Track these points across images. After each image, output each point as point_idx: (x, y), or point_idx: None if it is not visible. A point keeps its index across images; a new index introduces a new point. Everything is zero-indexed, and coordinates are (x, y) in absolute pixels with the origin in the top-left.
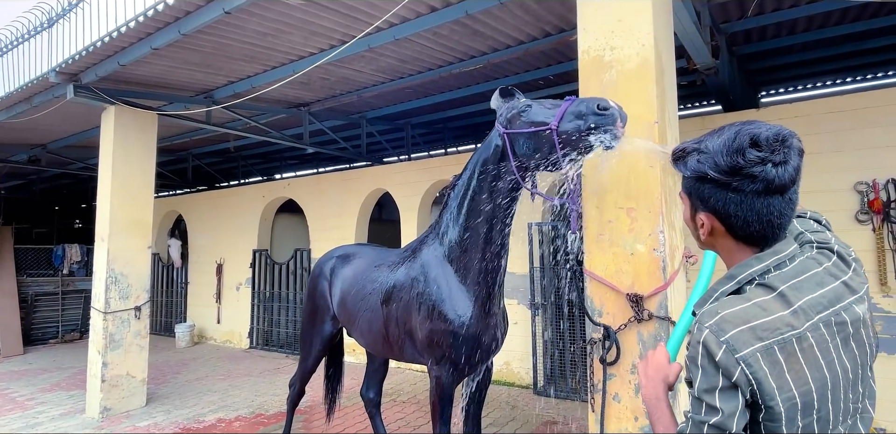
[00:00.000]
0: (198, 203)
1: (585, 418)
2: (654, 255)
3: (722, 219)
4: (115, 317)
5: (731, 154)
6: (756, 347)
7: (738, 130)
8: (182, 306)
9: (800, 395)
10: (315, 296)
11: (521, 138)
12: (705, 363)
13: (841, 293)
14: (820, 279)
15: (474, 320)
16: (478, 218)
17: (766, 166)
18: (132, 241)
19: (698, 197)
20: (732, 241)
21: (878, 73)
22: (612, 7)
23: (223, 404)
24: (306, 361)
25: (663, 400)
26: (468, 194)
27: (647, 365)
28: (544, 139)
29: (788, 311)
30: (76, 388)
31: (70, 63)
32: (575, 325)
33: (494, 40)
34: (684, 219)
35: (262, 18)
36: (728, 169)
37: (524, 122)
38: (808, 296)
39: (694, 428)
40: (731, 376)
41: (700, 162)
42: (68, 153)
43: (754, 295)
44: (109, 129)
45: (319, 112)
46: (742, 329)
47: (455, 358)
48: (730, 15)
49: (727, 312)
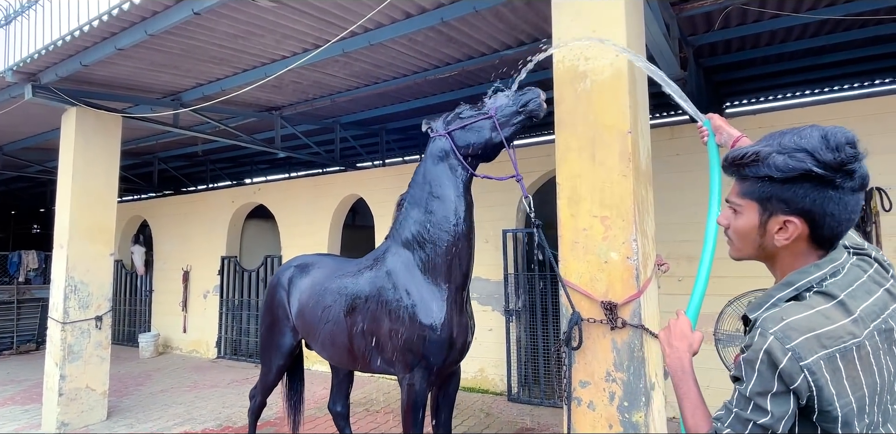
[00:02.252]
0: (164, 208)
1: (560, 425)
2: (628, 263)
3: (814, 219)
4: (74, 327)
5: (832, 150)
6: (820, 355)
7: (822, 130)
8: (146, 315)
9: (855, 401)
10: (273, 306)
11: (463, 133)
12: (763, 368)
13: (887, 301)
14: (868, 287)
15: (447, 322)
16: (438, 216)
17: (860, 163)
18: (93, 247)
19: (783, 199)
20: (807, 245)
21: (834, 87)
22: (587, 17)
23: (189, 417)
24: (267, 376)
25: (689, 372)
26: (423, 196)
27: (671, 334)
28: (485, 127)
29: (849, 319)
30: (32, 402)
31: (28, 62)
32: (549, 332)
33: (469, 48)
34: (741, 229)
35: (232, 20)
36: (834, 165)
37: (462, 118)
38: (863, 304)
39: (738, 424)
40: (791, 383)
41: (798, 160)
42: (26, 155)
43: (816, 303)
44: (70, 131)
45: (292, 116)
46: (808, 337)
47: (430, 361)
48: (697, 28)
49: (792, 320)
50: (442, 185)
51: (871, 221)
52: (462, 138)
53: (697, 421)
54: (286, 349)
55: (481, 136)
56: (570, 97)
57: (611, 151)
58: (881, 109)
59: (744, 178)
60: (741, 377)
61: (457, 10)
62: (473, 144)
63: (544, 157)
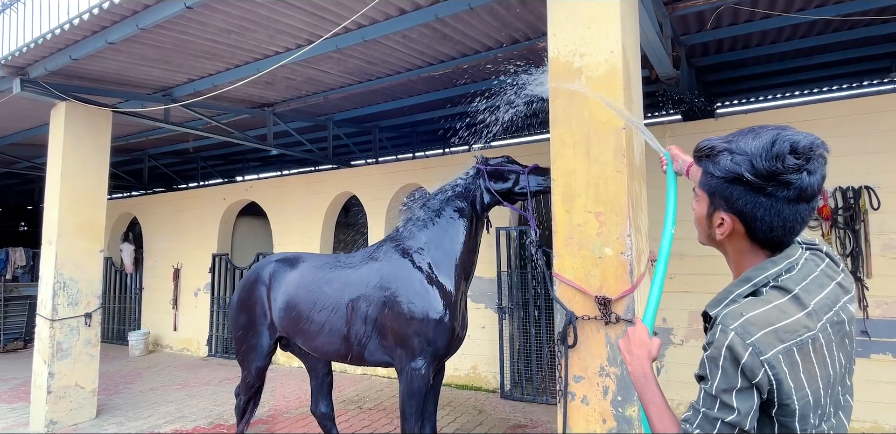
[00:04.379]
0: (154, 205)
1: (552, 421)
2: (622, 258)
3: (747, 221)
4: (63, 324)
5: (770, 159)
6: (779, 349)
7: (777, 135)
8: (136, 313)
9: (811, 393)
10: (250, 304)
11: (496, 174)
12: (727, 365)
13: (838, 293)
14: (821, 281)
15: (451, 312)
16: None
17: (801, 174)
18: (83, 244)
19: (723, 197)
20: (748, 244)
21: (823, 87)
22: (582, 14)
23: (180, 415)
24: (247, 378)
25: (651, 378)
26: (445, 202)
27: (630, 342)
28: (512, 176)
29: (804, 313)
30: (19, 400)
31: (17, 55)
32: (542, 329)
33: (463, 45)
34: (697, 216)
35: (225, 15)
36: (766, 174)
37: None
38: (816, 297)
39: (706, 423)
40: (753, 378)
41: (736, 163)
42: (13, 151)
43: (773, 297)
44: (60, 126)
45: (284, 113)
46: (767, 331)
47: (437, 347)
48: (689, 27)
49: (751, 315)
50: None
51: (859, 219)
52: (492, 181)
53: (665, 424)
54: (264, 350)
55: (506, 187)
56: (565, 93)
57: (605, 147)
58: (869, 109)
59: (704, 169)
60: (706, 376)
61: (451, 7)
62: (498, 190)
63: (538, 155)
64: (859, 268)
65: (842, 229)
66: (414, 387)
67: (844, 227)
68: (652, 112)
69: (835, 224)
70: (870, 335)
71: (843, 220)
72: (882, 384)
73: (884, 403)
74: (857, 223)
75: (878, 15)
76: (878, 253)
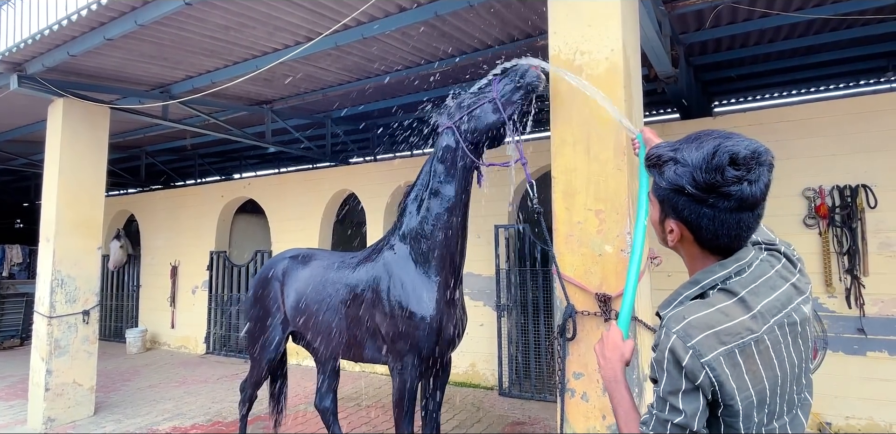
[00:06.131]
0: (152, 202)
1: (550, 418)
2: (622, 256)
3: (693, 230)
4: (60, 321)
5: (709, 171)
6: (720, 352)
7: (717, 146)
8: (134, 310)
9: (756, 394)
10: (265, 299)
11: (468, 121)
12: (671, 367)
13: (791, 295)
14: (773, 283)
15: (437, 312)
16: (434, 213)
17: (742, 185)
18: (80, 241)
19: (670, 206)
20: (698, 249)
21: (821, 87)
22: (583, 12)
23: (178, 412)
24: (257, 370)
25: (622, 381)
26: (426, 192)
27: (604, 345)
28: (488, 111)
29: (748, 315)
30: (16, 397)
31: (14, 51)
32: (540, 327)
33: (462, 43)
34: (651, 221)
35: (224, 11)
36: (706, 186)
37: (463, 107)
38: (765, 300)
39: (658, 425)
40: (695, 380)
41: (678, 175)
42: (10, 148)
43: (717, 300)
44: (57, 122)
45: (283, 110)
46: (707, 334)
47: (420, 350)
48: (688, 26)
49: (693, 318)
50: (442, 182)
51: (856, 218)
52: (467, 126)
53: (630, 427)
54: (276, 343)
55: (486, 120)
56: (565, 91)
57: (605, 145)
58: (865, 108)
59: (653, 178)
60: (657, 378)
61: (451, 5)
62: (479, 130)
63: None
64: (856, 266)
65: (839, 228)
66: (400, 388)
67: (842, 226)
68: (650, 110)
69: (832, 222)
70: (866, 333)
71: (841, 218)
72: (878, 381)
73: (880, 401)
74: (854, 221)
75: (876, 14)
76: (874, 251)
